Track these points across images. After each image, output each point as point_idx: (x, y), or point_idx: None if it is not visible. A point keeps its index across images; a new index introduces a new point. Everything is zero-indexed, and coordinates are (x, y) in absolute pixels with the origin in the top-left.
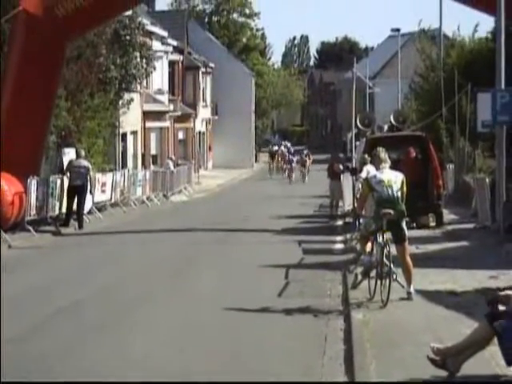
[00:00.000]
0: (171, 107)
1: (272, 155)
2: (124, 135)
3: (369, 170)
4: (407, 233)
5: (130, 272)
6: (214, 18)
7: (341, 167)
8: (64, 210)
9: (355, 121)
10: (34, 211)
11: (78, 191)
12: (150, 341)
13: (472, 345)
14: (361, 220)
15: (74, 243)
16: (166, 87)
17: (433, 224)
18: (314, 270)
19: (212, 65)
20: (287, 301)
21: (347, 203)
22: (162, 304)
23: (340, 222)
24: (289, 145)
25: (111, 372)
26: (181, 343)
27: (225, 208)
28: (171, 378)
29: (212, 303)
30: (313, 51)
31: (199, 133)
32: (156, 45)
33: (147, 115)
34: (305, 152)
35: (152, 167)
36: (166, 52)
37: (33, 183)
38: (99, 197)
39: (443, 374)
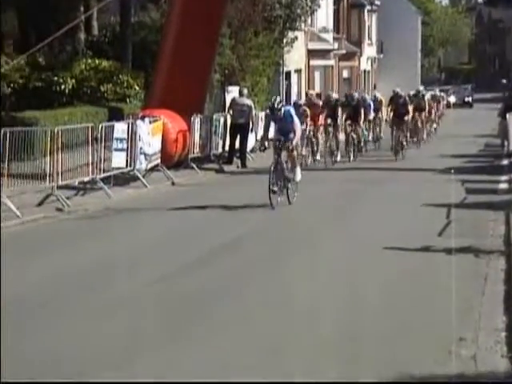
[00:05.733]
0: (336, 45)
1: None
2: (288, 73)
3: None
4: None
5: (292, 209)
6: None
7: None
8: (227, 147)
9: None
10: (197, 149)
11: (240, 129)
12: (310, 279)
13: None
14: None
15: (237, 181)
16: (330, 25)
17: None
18: (476, 210)
19: (378, 2)
20: (448, 240)
21: None
22: (322, 243)
23: (505, 162)
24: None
25: (272, 310)
26: (341, 283)
27: (386, 147)
28: (332, 321)
29: (372, 242)
30: None
31: (364, 71)
32: None
33: (312, 53)
34: (439, 94)
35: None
36: None
37: (196, 121)
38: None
39: None
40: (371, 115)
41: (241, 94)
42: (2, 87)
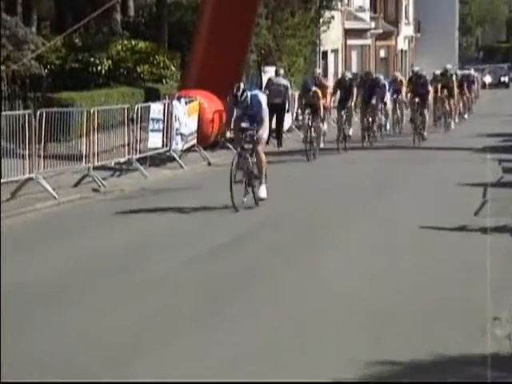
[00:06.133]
0: (373, 25)
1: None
2: (325, 53)
3: None
4: None
5: (329, 189)
6: None
7: None
8: None
9: None
10: None
11: (277, 109)
12: (345, 258)
13: None
14: None
15: (274, 161)
16: (367, 5)
17: None
18: None
19: None
20: (484, 220)
21: None
22: (357, 221)
23: None
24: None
25: (305, 287)
26: (376, 261)
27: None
28: (367, 300)
29: (408, 221)
30: None
31: (401, 51)
32: None
33: (348, 33)
34: (473, 73)
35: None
36: None
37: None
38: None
39: None
40: (387, 97)
41: (277, 74)
42: (39, 68)
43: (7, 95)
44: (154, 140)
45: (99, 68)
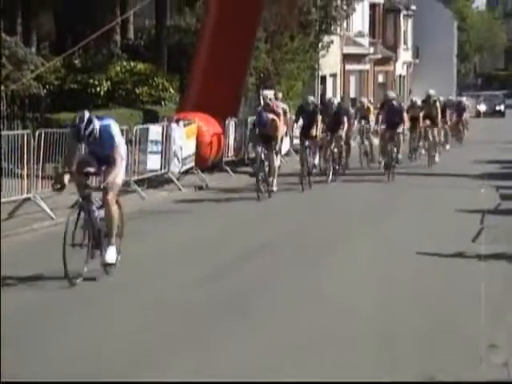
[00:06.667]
0: (371, 50)
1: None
2: (323, 78)
3: None
4: None
5: (329, 212)
6: None
7: None
8: None
9: None
10: (231, 152)
11: None
12: (343, 282)
13: None
14: None
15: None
16: (366, 30)
17: None
18: (510, 216)
19: (413, 8)
20: (481, 246)
21: None
22: (357, 245)
23: None
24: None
25: (306, 310)
26: (373, 287)
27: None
28: (360, 326)
29: (405, 246)
30: None
31: (399, 76)
32: None
33: (347, 58)
34: (464, 101)
35: (351, 110)
36: None
37: (231, 124)
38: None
39: None
40: (345, 125)
41: (276, 97)
42: (38, 88)
43: (6, 115)
44: (153, 162)
45: (98, 89)
